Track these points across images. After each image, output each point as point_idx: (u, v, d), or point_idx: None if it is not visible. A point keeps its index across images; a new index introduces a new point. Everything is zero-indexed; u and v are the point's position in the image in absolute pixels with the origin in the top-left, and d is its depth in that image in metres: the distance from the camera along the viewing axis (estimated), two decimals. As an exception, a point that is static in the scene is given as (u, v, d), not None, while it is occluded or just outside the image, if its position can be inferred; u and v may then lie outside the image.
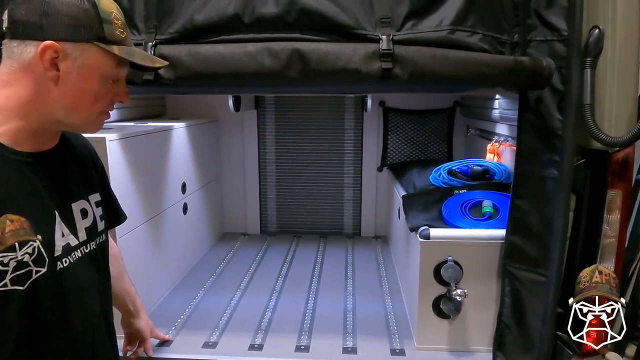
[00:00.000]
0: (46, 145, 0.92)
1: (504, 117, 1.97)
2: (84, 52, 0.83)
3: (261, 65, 1.18)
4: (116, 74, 0.89)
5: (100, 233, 1.03)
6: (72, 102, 0.86)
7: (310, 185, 2.91)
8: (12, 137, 0.84)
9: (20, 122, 0.84)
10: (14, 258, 0.80)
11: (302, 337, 1.66)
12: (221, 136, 2.88)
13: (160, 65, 0.96)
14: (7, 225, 0.79)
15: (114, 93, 0.92)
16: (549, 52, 1.26)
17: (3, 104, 0.83)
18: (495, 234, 1.51)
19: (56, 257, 0.88)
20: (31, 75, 0.83)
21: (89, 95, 0.87)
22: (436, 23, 1.21)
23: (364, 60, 1.17)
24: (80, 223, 0.96)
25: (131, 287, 1.41)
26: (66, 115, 0.88)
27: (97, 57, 0.85)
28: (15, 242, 0.80)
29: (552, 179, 1.29)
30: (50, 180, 0.90)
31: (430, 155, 2.83)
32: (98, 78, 0.86)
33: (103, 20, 0.84)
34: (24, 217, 0.82)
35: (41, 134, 0.89)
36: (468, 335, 1.56)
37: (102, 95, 0.89)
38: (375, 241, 2.81)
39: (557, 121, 1.27)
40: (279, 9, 1.20)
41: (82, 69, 0.84)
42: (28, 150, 0.87)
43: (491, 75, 1.20)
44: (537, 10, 1.26)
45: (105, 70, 0.87)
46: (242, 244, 2.76)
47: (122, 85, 0.93)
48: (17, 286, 0.81)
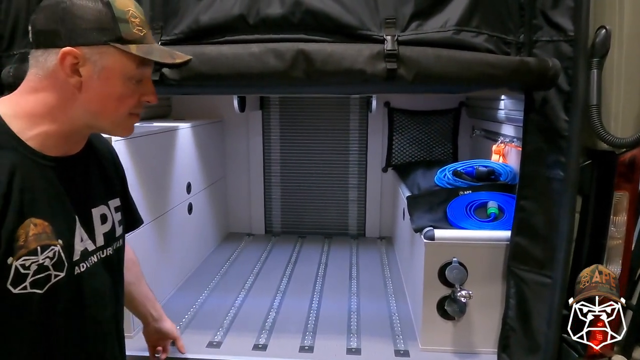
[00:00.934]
0: (73, 150, 0.92)
1: (510, 117, 1.96)
2: (102, 55, 0.82)
3: (266, 65, 1.18)
4: (139, 73, 0.87)
5: (118, 238, 1.03)
6: (97, 107, 0.85)
7: (315, 186, 2.91)
8: (41, 142, 0.84)
9: (50, 127, 0.85)
10: (35, 262, 0.81)
11: (306, 338, 1.66)
12: (226, 136, 2.89)
13: (181, 60, 0.91)
14: (31, 229, 0.80)
15: (141, 93, 0.89)
16: (555, 53, 1.25)
17: (32, 110, 0.84)
18: (500, 235, 1.50)
19: (74, 262, 0.89)
20: (56, 82, 0.83)
21: (113, 99, 0.85)
22: (441, 23, 1.21)
23: (369, 61, 1.16)
24: (99, 228, 0.96)
25: (149, 291, 1.39)
26: (94, 120, 0.87)
27: (116, 58, 0.83)
28: (37, 246, 0.81)
29: (558, 180, 1.28)
30: (73, 185, 0.91)
31: (436, 156, 2.82)
32: (120, 80, 0.84)
33: (118, 19, 0.82)
34: (46, 221, 0.83)
35: (70, 138, 0.89)
36: (473, 336, 1.56)
37: (127, 97, 0.87)
38: (380, 242, 2.81)
39: (563, 122, 1.26)
40: (283, 9, 1.20)
41: (103, 72, 0.83)
42: (55, 154, 0.87)
43: (496, 76, 1.20)
44: (543, 11, 1.25)
45: (127, 71, 0.84)
46: (247, 244, 2.76)
47: (148, 85, 0.90)
48: (36, 289, 0.82)
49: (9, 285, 0.78)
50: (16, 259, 0.78)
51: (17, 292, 0.79)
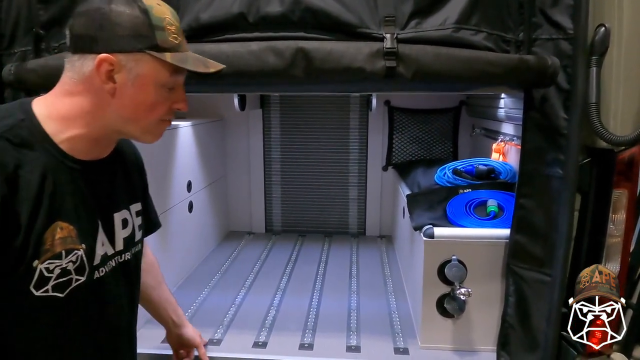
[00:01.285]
0: (101, 154, 0.92)
1: (510, 116, 1.96)
2: (138, 62, 0.82)
3: (265, 63, 1.19)
4: (172, 81, 0.86)
5: (137, 243, 1.03)
6: (129, 113, 0.85)
7: (315, 185, 2.92)
8: (72, 145, 0.85)
9: (81, 130, 0.85)
10: (59, 265, 0.81)
11: (306, 335, 1.67)
12: (226, 135, 2.89)
13: (215, 69, 0.91)
14: (58, 233, 0.81)
15: (172, 101, 0.89)
16: (555, 51, 1.25)
17: (66, 113, 0.84)
18: (499, 234, 1.50)
19: (94, 266, 0.89)
20: (91, 87, 0.83)
21: (145, 106, 0.85)
22: (440, 21, 1.21)
23: (368, 59, 1.17)
24: (120, 233, 0.96)
25: (171, 295, 1.36)
26: (125, 126, 0.87)
27: (150, 66, 0.83)
28: (62, 249, 0.81)
29: (557, 178, 1.28)
30: (99, 189, 0.91)
31: (436, 154, 2.82)
32: (153, 87, 0.84)
33: (155, 27, 0.82)
34: (72, 225, 0.83)
35: (101, 143, 0.90)
36: (472, 334, 1.56)
37: (159, 104, 0.87)
38: (380, 240, 2.81)
39: (563, 120, 1.27)
40: (283, 7, 1.20)
41: (138, 79, 0.83)
42: (84, 158, 0.87)
43: (496, 74, 1.20)
44: (542, 9, 1.25)
45: (160, 78, 0.84)
46: (247, 243, 2.77)
47: (180, 93, 0.90)
48: (57, 293, 0.82)
49: (32, 288, 0.79)
50: (41, 262, 0.79)
51: (39, 295, 0.80)
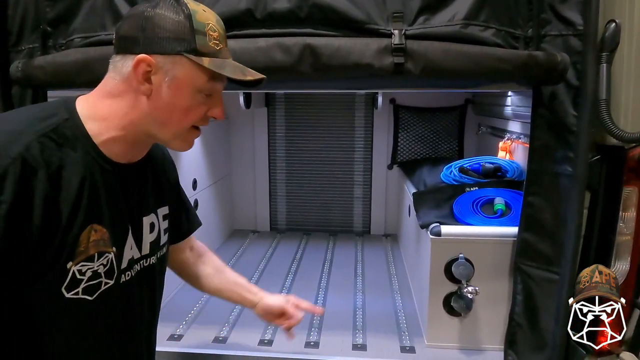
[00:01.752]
0: (135, 158, 0.91)
1: (517, 114, 1.94)
2: (175, 65, 0.81)
3: (273, 60, 1.18)
4: (209, 87, 0.84)
5: (162, 247, 1.02)
6: (163, 117, 0.84)
7: (320, 183, 2.91)
8: (111, 147, 0.85)
9: (119, 132, 0.84)
10: (91, 268, 0.81)
11: (312, 333, 1.66)
12: (232, 133, 2.89)
13: (252, 78, 0.87)
14: (92, 235, 0.80)
15: (208, 107, 0.87)
16: (564, 47, 1.24)
17: (107, 114, 0.84)
18: (507, 232, 1.49)
19: (122, 270, 0.89)
20: (129, 88, 0.82)
21: (179, 110, 0.84)
22: (449, 17, 1.20)
23: (376, 55, 1.16)
24: (147, 237, 0.96)
25: (238, 276, 1.29)
26: (158, 130, 0.86)
27: (187, 69, 0.81)
28: (95, 252, 0.81)
29: (566, 175, 1.27)
30: (130, 193, 0.91)
31: (441, 153, 2.81)
32: (189, 92, 0.83)
33: (196, 31, 0.80)
34: (105, 228, 0.83)
35: (136, 147, 0.89)
36: (479, 333, 1.55)
37: (194, 110, 0.85)
38: (385, 239, 2.80)
39: (572, 117, 1.25)
40: (291, 4, 1.20)
41: (174, 82, 0.81)
42: (120, 161, 0.87)
43: (505, 70, 1.19)
44: (551, 5, 1.24)
45: (197, 83, 0.82)
46: (252, 241, 2.77)
47: (217, 100, 0.88)
48: (86, 296, 0.82)
49: (63, 289, 0.79)
50: (75, 264, 0.79)
51: (69, 297, 0.79)
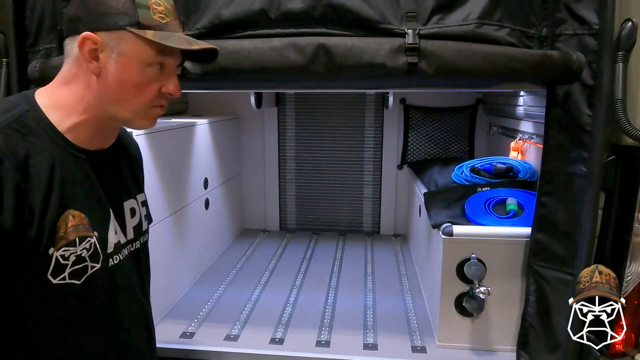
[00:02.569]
0: (104, 144, 0.93)
1: (529, 114, 1.93)
2: (120, 41, 0.81)
3: (287, 59, 1.19)
4: (158, 61, 0.84)
5: (144, 232, 1.05)
6: (115, 95, 0.84)
7: (329, 183, 2.92)
8: (76, 134, 0.85)
9: (80, 117, 0.85)
10: (74, 252, 0.82)
11: (323, 333, 1.67)
12: (242, 133, 2.91)
13: (198, 47, 0.88)
14: (70, 220, 0.82)
15: (162, 84, 0.87)
16: (579, 46, 1.23)
17: (65, 100, 0.85)
18: (519, 232, 1.49)
19: (108, 254, 0.90)
20: (80, 70, 0.83)
21: (130, 86, 0.83)
22: (463, 17, 1.20)
23: (390, 55, 1.16)
24: (130, 222, 0.98)
25: None
26: (115, 110, 0.85)
27: (132, 44, 0.81)
28: (76, 237, 0.82)
29: (580, 175, 1.26)
30: (107, 178, 0.92)
31: (451, 153, 2.80)
32: (137, 67, 0.82)
33: (138, 5, 0.81)
34: (83, 213, 0.84)
35: (101, 132, 0.90)
36: (491, 334, 1.54)
37: (146, 85, 0.85)
38: (395, 239, 2.80)
39: (587, 117, 1.25)
40: (304, 4, 1.20)
41: (121, 58, 0.81)
42: (89, 148, 0.88)
43: (519, 70, 1.18)
44: (566, 4, 1.23)
45: (143, 57, 0.82)
46: (262, 241, 2.78)
47: (170, 76, 0.87)
48: (74, 280, 0.83)
49: (50, 276, 0.80)
50: (57, 250, 0.80)
51: (57, 283, 0.81)
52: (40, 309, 0.82)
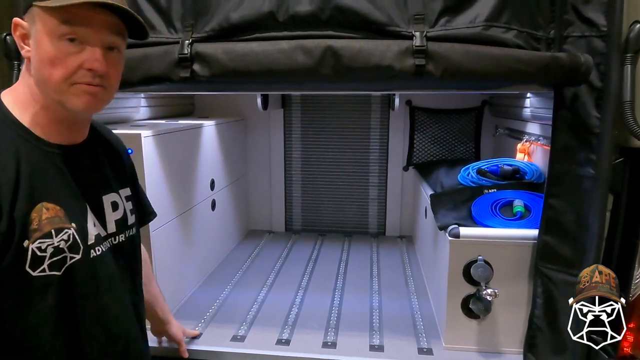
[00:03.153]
0: (77, 138, 0.94)
1: (536, 115, 1.93)
2: (33, 19, 0.83)
3: (295, 62, 1.20)
4: (67, 32, 0.81)
5: (131, 226, 1.05)
6: (38, 75, 0.84)
7: (335, 184, 2.92)
8: (43, 128, 0.87)
9: (35, 108, 0.87)
10: (51, 244, 0.84)
11: (329, 334, 1.67)
12: (248, 135, 2.92)
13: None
14: (44, 213, 0.83)
15: (83, 60, 0.83)
16: (587, 48, 1.23)
17: (22, 95, 0.88)
18: (527, 234, 1.48)
19: (89, 245, 0.91)
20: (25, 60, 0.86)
21: (45, 62, 0.82)
22: (470, 19, 1.20)
23: (397, 57, 1.17)
24: (111, 215, 0.99)
25: (159, 293, 1.41)
26: (46, 92, 0.85)
27: (40, 19, 0.82)
28: (51, 229, 0.84)
29: (588, 177, 1.26)
30: (82, 172, 0.93)
31: (457, 155, 2.79)
32: (49, 41, 0.82)
33: None
34: (58, 205, 0.86)
35: (65, 124, 0.90)
36: (498, 336, 1.54)
37: (60, 60, 0.82)
38: (401, 241, 2.80)
39: (595, 119, 1.24)
40: (312, 6, 1.21)
41: (36, 36, 0.83)
42: (60, 142, 0.90)
43: (527, 72, 1.18)
44: (574, 6, 1.23)
45: (50, 28, 0.81)
46: (268, 242, 2.79)
47: (92, 51, 0.84)
48: (54, 272, 0.85)
49: (28, 269, 0.82)
50: (32, 242, 0.81)
51: (37, 275, 0.82)
52: (24, 303, 0.83)
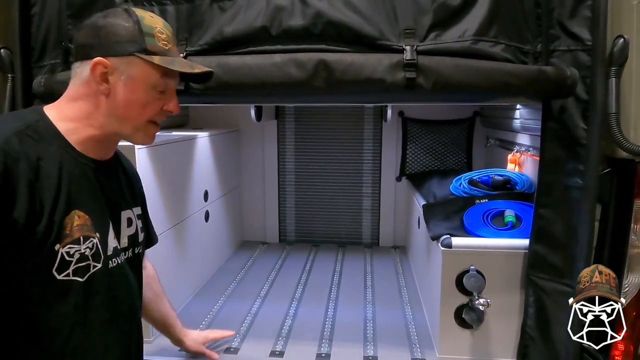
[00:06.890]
0: (106, 155, 1.00)
1: (526, 127, 1.96)
2: (129, 65, 0.91)
3: (288, 75, 1.21)
4: (163, 83, 0.95)
5: (140, 244, 1.10)
6: (122, 112, 0.94)
7: (329, 195, 2.93)
8: (83, 144, 0.93)
9: (87, 131, 0.94)
10: (78, 250, 0.88)
11: (323, 345, 1.67)
12: (242, 146, 2.93)
13: (200, 71, 1.00)
14: (75, 220, 0.88)
15: (164, 103, 0.97)
16: (573, 62, 1.26)
17: (73, 115, 0.93)
18: (518, 244, 1.50)
19: (108, 256, 0.96)
20: (89, 90, 0.92)
21: (136, 105, 0.94)
22: (459, 34, 1.23)
23: (388, 70, 1.19)
24: (125, 230, 1.04)
25: (171, 309, 1.46)
26: (119, 126, 0.95)
27: (140, 67, 0.92)
28: (80, 235, 0.88)
29: (576, 188, 1.29)
30: (108, 186, 0.99)
31: (449, 165, 2.82)
32: (144, 88, 0.93)
33: (145, 34, 0.92)
34: (87, 214, 0.90)
35: (105, 144, 0.98)
36: (491, 345, 1.55)
37: (150, 105, 0.95)
38: (394, 251, 2.81)
39: (582, 130, 1.27)
40: (305, 21, 1.23)
41: (129, 80, 0.92)
42: (94, 157, 0.96)
43: (515, 85, 1.21)
44: (560, 21, 1.27)
45: (150, 80, 0.93)
46: (261, 253, 2.78)
47: (171, 96, 0.99)
48: (77, 277, 0.88)
49: (55, 272, 0.85)
50: (62, 246, 0.85)
51: (61, 279, 0.86)
52: (45, 305, 0.86)
